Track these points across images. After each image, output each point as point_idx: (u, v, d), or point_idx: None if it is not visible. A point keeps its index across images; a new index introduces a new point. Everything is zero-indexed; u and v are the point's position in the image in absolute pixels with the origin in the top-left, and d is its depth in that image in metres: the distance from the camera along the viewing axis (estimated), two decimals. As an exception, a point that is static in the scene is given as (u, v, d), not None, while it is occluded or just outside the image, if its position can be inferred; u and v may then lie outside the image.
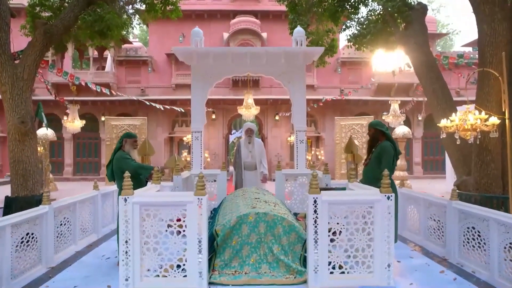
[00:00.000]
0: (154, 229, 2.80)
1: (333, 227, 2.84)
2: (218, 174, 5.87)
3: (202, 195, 2.76)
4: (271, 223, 3.37)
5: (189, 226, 2.77)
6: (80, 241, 4.98)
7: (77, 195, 5.11)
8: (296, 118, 7.11)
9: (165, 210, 2.81)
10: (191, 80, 7.27)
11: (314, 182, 2.79)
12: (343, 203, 2.83)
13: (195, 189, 2.80)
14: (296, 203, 5.98)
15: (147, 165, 4.74)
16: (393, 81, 18.23)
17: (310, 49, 7.47)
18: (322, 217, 2.75)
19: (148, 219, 2.81)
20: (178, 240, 2.82)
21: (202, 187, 2.79)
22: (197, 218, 2.75)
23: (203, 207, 2.74)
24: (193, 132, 7.05)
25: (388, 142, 4.29)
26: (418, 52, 8.05)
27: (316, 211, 2.74)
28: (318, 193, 2.77)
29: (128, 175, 2.83)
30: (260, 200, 4.05)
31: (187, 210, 2.78)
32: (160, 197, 2.82)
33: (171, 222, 2.81)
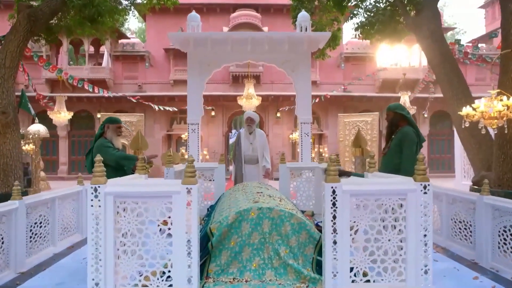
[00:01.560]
0: (132, 226, 2.24)
1: (356, 225, 2.28)
2: (216, 167, 5.30)
3: (192, 183, 2.20)
4: (277, 220, 2.81)
5: (176, 223, 2.21)
6: (61, 242, 4.41)
7: (57, 190, 4.55)
8: (301, 109, 6.57)
9: (146, 203, 2.25)
10: (187, 69, 6.75)
11: (332, 168, 2.23)
12: (368, 194, 2.26)
13: (183, 177, 2.23)
14: (302, 199, 5.42)
15: (132, 155, 4.16)
16: (398, 77, 17.68)
17: (315, 34, 6.92)
18: (343, 211, 2.19)
19: (125, 214, 2.25)
20: (163, 240, 2.26)
21: (193, 174, 2.22)
22: (186, 212, 2.18)
23: (193, 199, 2.18)
24: (190, 124, 6.53)
25: (410, 127, 3.73)
26: (431, 39, 7.48)
27: (335, 204, 2.18)
28: (338, 182, 2.21)
29: (99, 159, 2.27)
30: (263, 194, 3.48)
31: (173, 203, 2.22)
32: (139, 186, 2.26)
33: (154, 218, 2.25)
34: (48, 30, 9.98)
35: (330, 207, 2.22)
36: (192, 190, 2.20)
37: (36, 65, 17.14)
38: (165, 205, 2.24)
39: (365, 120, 15.64)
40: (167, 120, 18.18)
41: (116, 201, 2.23)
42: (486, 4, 24.17)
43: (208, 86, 16.64)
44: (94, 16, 7.79)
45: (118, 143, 3.82)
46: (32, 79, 17.62)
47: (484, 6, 24.51)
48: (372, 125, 14.82)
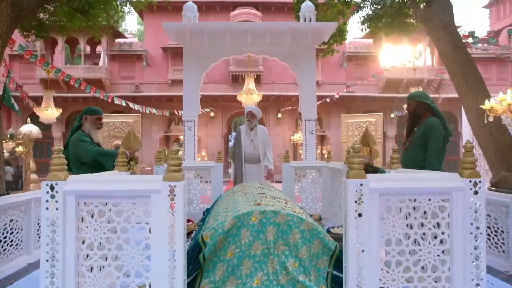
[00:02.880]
0: (99, 235, 1.74)
1: (386, 233, 1.78)
2: (212, 167, 4.81)
3: (177, 180, 1.70)
4: (284, 226, 2.31)
5: (155, 231, 1.71)
6: (37, 250, 3.91)
7: (32, 191, 4.04)
8: (305, 105, 6.09)
9: (118, 205, 1.76)
10: (183, 62, 6.30)
11: (356, 160, 1.74)
12: (402, 193, 1.77)
13: (166, 172, 1.74)
14: (308, 202, 4.91)
15: (112, 150, 3.63)
16: (402, 77, 17.23)
17: (320, 25, 6.42)
18: (370, 216, 1.70)
19: (90, 219, 1.75)
20: (139, 253, 1.76)
21: (177, 168, 1.73)
22: (169, 217, 1.69)
23: (178, 200, 1.69)
24: (185, 122, 6.06)
25: (436, 118, 3.24)
26: (443, 31, 7.01)
27: (360, 206, 1.68)
28: (363, 177, 1.72)
29: (59, 148, 1.77)
30: (266, 195, 2.99)
31: (152, 205, 1.72)
32: (110, 183, 1.76)
33: (128, 225, 1.76)
34: (39, 26, 9.54)
35: (355, 210, 1.73)
36: (176, 189, 1.70)
37: (30, 65, 16.80)
38: (142, 207, 1.75)
39: (369, 121, 15.15)
40: (165, 121, 17.69)
41: (79, 203, 1.74)
42: (491, 3, 23.75)
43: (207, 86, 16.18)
44: (85, 7, 7.34)
45: (98, 137, 3.33)
46: (26, 78, 17.24)
47: (488, 6, 24.08)
48: (376, 126, 14.36)
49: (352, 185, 1.73)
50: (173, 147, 1.77)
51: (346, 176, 1.79)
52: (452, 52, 6.88)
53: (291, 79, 17.81)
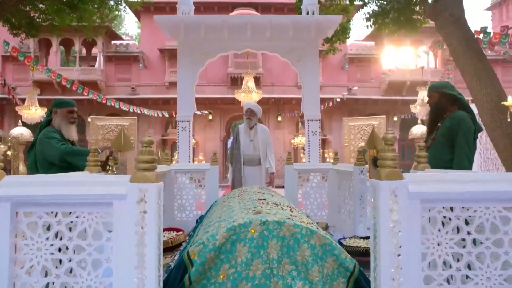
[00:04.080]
0: (44, 256, 1.29)
1: (430, 251, 1.33)
2: (207, 169, 4.36)
3: (148, 181, 1.26)
4: (290, 240, 1.86)
5: (119, 250, 1.26)
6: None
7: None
8: (307, 104, 5.66)
9: (70, 215, 1.31)
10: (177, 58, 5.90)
11: (390, 155, 1.30)
12: (452, 199, 1.32)
13: (135, 170, 1.29)
14: (313, 208, 4.45)
15: (84, 149, 3.14)
16: (405, 79, 16.86)
17: (324, 18, 6.01)
18: (409, 229, 1.25)
19: (33, 234, 1.30)
20: (96, 280, 1.31)
21: (150, 166, 1.28)
22: (138, 232, 1.24)
23: (150, 208, 1.24)
24: (180, 122, 5.63)
25: (463, 112, 2.81)
26: (454, 25, 6.60)
27: (396, 216, 1.24)
28: (400, 178, 1.27)
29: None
30: (267, 202, 2.54)
31: (114, 215, 1.27)
32: (58, 186, 1.30)
33: (83, 243, 1.31)
34: (29, 24, 9.16)
35: (389, 221, 1.28)
36: (148, 194, 1.25)
37: (23, 67, 16.38)
38: (102, 218, 1.30)
39: (371, 124, 14.73)
40: (162, 124, 17.26)
41: (17, 213, 1.29)
42: (493, 6, 23.46)
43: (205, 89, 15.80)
44: (74, 1, 6.94)
45: (71, 133, 2.88)
46: (19, 80, 16.83)
47: (490, 8, 23.80)
48: (379, 129, 13.96)
49: (385, 188, 1.28)
50: (145, 138, 1.32)
51: (377, 176, 1.34)
52: (463, 48, 6.47)
53: (291, 81, 17.42)
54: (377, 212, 1.30)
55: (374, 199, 1.34)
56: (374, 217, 1.34)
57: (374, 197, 1.34)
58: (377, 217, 1.30)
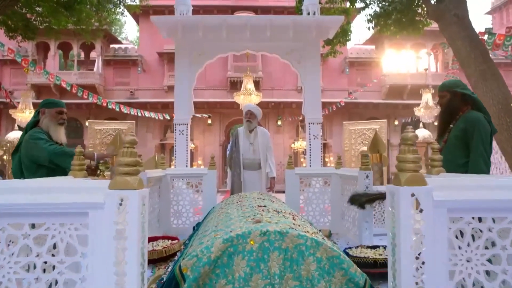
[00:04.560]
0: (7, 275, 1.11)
1: (458, 269, 1.14)
2: (205, 174, 4.18)
3: (129, 187, 1.07)
4: (294, 252, 1.68)
5: (95, 268, 1.07)
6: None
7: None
8: (308, 107, 5.48)
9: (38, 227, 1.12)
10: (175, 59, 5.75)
11: (410, 157, 1.12)
12: (482, 208, 1.14)
13: (115, 175, 1.11)
14: (316, 215, 4.25)
15: (71, 149, 2.95)
16: (406, 83, 16.72)
17: (325, 18, 5.86)
18: (435, 241, 1.06)
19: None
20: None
21: (132, 170, 1.10)
22: (117, 247, 1.05)
23: (131, 219, 1.05)
24: (177, 125, 5.45)
25: (478, 112, 2.63)
26: (458, 26, 6.45)
27: (420, 226, 1.05)
28: (424, 183, 1.09)
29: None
30: (268, 209, 2.35)
31: (90, 226, 1.09)
32: (24, 193, 1.12)
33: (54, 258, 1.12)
34: (25, 26, 9.03)
35: (410, 234, 1.09)
36: (129, 202, 1.07)
37: (21, 71, 16.23)
38: (76, 231, 1.11)
39: (372, 128, 14.55)
40: (161, 128, 17.08)
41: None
42: (493, 10, 23.41)
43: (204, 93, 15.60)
44: (69, 2, 6.79)
45: (59, 135, 2.69)
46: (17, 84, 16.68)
47: (491, 12, 23.74)
48: (379, 133, 13.79)
49: (406, 196, 1.10)
50: (127, 137, 1.14)
51: (394, 181, 1.16)
52: (468, 49, 6.32)
53: (291, 85, 17.28)
54: (397, 224, 1.12)
55: (392, 208, 1.16)
56: (393, 229, 1.15)
57: (392, 205, 1.16)
58: (397, 230, 1.12)
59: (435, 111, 10.33)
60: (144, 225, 1.12)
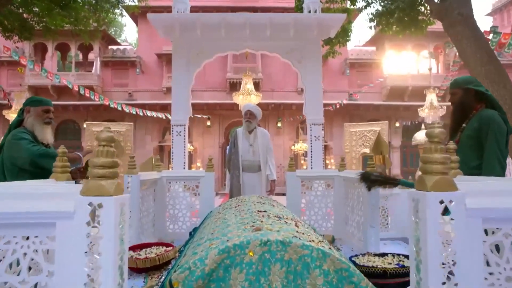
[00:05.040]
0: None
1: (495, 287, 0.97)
2: (202, 176, 4.00)
3: (104, 193, 0.89)
4: (298, 264, 1.51)
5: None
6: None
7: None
8: (309, 108, 5.31)
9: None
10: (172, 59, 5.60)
11: (438, 158, 0.94)
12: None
13: (89, 177, 0.93)
14: (318, 219, 4.07)
15: (56, 151, 2.76)
16: (407, 84, 16.57)
17: (327, 16, 5.69)
18: (468, 256, 0.88)
19: None
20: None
21: (108, 173, 0.92)
22: (88, 264, 0.87)
23: (107, 231, 0.87)
24: (174, 126, 5.29)
25: (493, 110, 2.46)
26: (463, 25, 6.30)
27: (446, 236, 0.87)
28: (454, 188, 0.91)
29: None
30: (269, 214, 2.18)
31: (58, 240, 0.91)
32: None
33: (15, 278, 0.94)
34: (22, 26, 8.90)
35: (439, 249, 0.92)
36: (103, 210, 0.90)
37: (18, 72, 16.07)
38: (42, 245, 0.94)
39: (373, 130, 14.39)
40: (159, 130, 16.90)
41: None
42: (494, 11, 23.30)
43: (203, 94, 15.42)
44: (65, 0, 6.63)
45: (46, 135, 2.52)
46: (14, 86, 16.52)
47: (491, 14, 23.63)
48: (381, 135, 13.63)
49: (434, 203, 0.93)
50: (102, 133, 0.97)
51: (419, 185, 0.98)
52: (473, 48, 6.16)
53: (291, 87, 17.13)
54: (422, 237, 0.94)
55: (415, 218, 0.98)
56: (417, 243, 0.98)
57: (415, 214, 0.98)
58: (422, 244, 0.94)
59: (440, 111, 10.17)
60: (123, 238, 0.95)
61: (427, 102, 10.36)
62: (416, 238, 0.98)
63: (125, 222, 0.96)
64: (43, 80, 15.88)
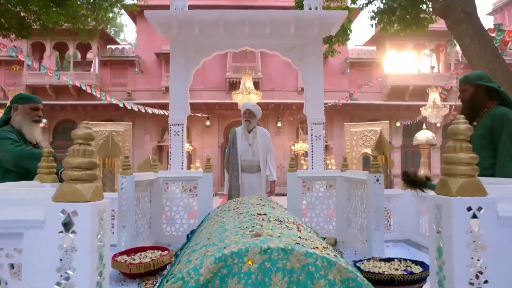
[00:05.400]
0: None
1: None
2: (200, 177, 3.88)
3: (80, 199, 0.76)
4: (301, 274, 1.39)
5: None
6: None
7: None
8: (310, 107, 5.20)
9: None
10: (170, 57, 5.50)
11: (464, 158, 0.81)
12: None
13: (64, 181, 0.81)
14: (319, 221, 3.94)
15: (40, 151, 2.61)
16: (408, 84, 16.46)
17: (328, 13, 5.60)
18: (501, 273, 0.75)
19: None
20: None
21: (84, 175, 0.79)
22: (60, 281, 0.74)
23: (82, 244, 0.74)
24: (172, 126, 5.18)
25: (506, 108, 2.34)
26: (467, 23, 6.18)
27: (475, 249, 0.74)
28: (484, 193, 0.78)
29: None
30: (269, 217, 2.05)
31: (24, 253, 0.78)
32: None
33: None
34: (19, 25, 8.79)
35: (467, 264, 0.79)
36: (78, 219, 0.77)
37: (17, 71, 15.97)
38: (8, 258, 0.82)
39: (374, 130, 14.27)
40: (158, 130, 16.77)
41: None
42: (495, 11, 23.22)
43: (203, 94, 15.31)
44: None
45: (33, 134, 2.40)
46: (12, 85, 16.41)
47: (492, 13, 23.55)
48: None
49: (460, 210, 0.80)
50: (78, 129, 0.85)
51: (441, 189, 0.86)
52: (477, 46, 6.05)
53: (291, 87, 17.01)
54: (447, 249, 0.82)
55: (438, 227, 0.86)
56: (439, 254, 0.85)
57: (439, 223, 0.86)
58: (447, 256, 0.82)
59: (443, 110, 10.05)
60: (102, 250, 0.82)
61: (430, 101, 10.25)
62: (439, 249, 0.86)
63: (105, 231, 0.84)
64: (41, 79, 15.77)
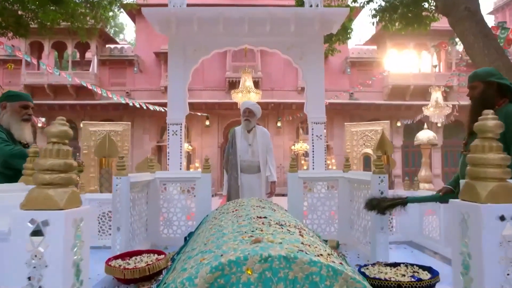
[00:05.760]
0: None
1: None
2: (198, 178, 3.78)
3: (52, 207, 0.65)
4: (305, 283, 1.28)
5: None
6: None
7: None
8: (311, 106, 5.10)
9: None
10: (168, 55, 5.40)
11: (495, 158, 0.70)
12: None
13: (37, 187, 0.70)
14: (321, 223, 3.85)
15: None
16: (408, 83, 16.36)
17: (329, 10, 5.50)
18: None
19: None
20: None
21: (61, 178, 0.68)
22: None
23: (54, 259, 0.62)
24: (170, 125, 5.08)
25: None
26: (470, 21, 6.08)
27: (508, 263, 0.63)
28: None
29: None
30: (269, 221, 1.95)
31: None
32: None
33: None
34: (17, 24, 8.70)
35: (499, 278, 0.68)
36: (49, 230, 0.66)
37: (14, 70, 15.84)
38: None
39: (374, 130, 14.17)
40: (157, 130, 16.65)
41: None
42: (496, 10, 23.13)
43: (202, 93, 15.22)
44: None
45: (24, 133, 2.29)
46: (9, 85, 16.30)
47: (493, 12, 23.46)
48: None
49: (490, 218, 0.70)
50: (52, 127, 0.74)
51: (466, 194, 0.75)
52: (480, 45, 5.94)
53: (291, 86, 16.90)
54: (475, 262, 0.71)
55: (465, 238, 0.75)
56: (465, 268, 0.75)
57: (464, 233, 0.75)
58: (475, 270, 0.71)
59: (445, 110, 9.93)
60: (80, 265, 0.72)
61: (432, 100, 10.13)
62: (465, 262, 0.75)
63: (83, 243, 0.73)
64: (40, 79, 15.66)
